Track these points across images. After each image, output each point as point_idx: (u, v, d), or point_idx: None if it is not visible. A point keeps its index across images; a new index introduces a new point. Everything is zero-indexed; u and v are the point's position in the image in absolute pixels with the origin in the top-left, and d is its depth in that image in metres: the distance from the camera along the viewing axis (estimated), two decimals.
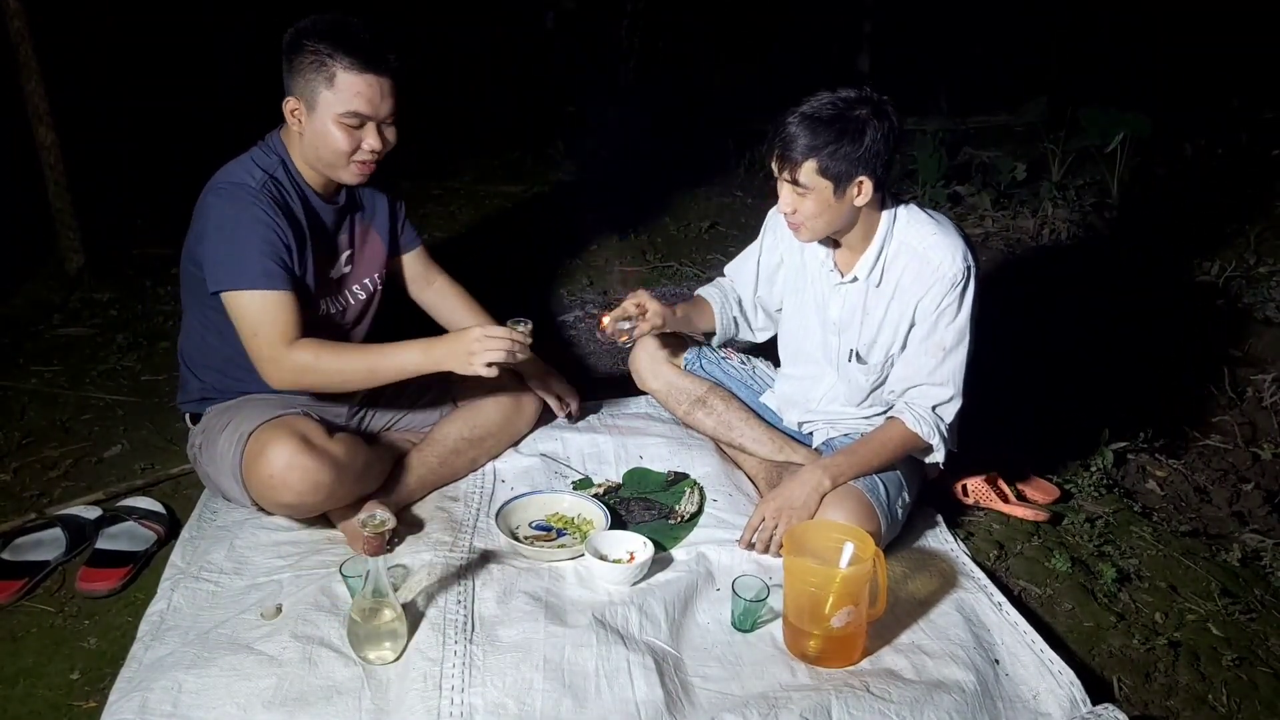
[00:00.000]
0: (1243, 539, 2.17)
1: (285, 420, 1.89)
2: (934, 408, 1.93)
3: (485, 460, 2.27)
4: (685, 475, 2.24)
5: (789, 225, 1.94)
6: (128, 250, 3.55)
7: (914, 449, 1.96)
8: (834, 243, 2.00)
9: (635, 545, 1.90)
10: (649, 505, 2.13)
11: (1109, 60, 5.25)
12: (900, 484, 1.98)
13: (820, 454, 2.13)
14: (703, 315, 2.24)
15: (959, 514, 2.18)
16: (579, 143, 5.06)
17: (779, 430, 2.24)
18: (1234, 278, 3.35)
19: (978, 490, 2.19)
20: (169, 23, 4.65)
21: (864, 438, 1.99)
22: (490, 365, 1.82)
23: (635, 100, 5.49)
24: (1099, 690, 1.64)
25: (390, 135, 1.95)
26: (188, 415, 2.12)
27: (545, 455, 2.31)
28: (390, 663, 1.61)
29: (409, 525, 2.03)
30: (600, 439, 2.39)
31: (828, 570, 1.65)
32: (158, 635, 1.69)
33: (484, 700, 1.52)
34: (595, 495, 2.14)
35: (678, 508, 2.09)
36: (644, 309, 2.03)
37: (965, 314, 1.90)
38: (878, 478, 1.94)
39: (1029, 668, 1.66)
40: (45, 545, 1.98)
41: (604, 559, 1.86)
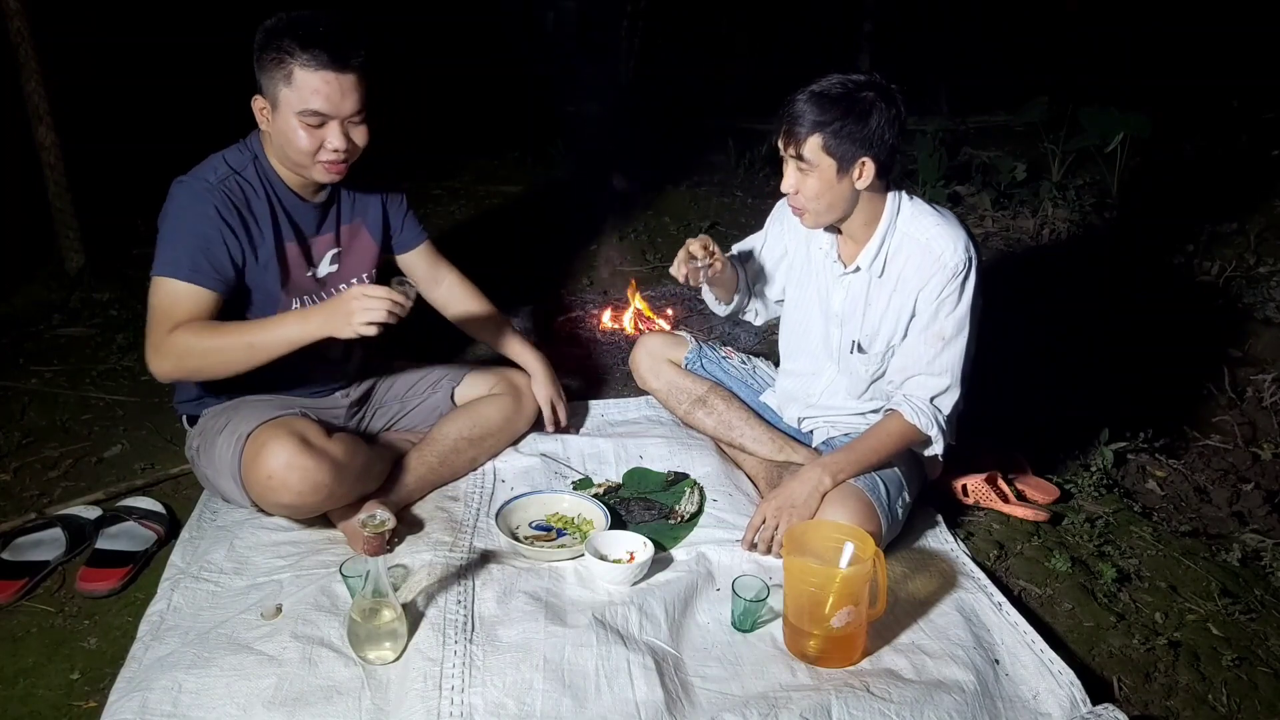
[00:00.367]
0: (1243, 539, 2.17)
1: (284, 421, 1.89)
2: (932, 399, 1.93)
3: (485, 459, 2.27)
4: (685, 475, 2.24)
5: (792, 209, 1.94)
6: (128, 250, 3.54)
7: (913, 442, 1.96)
8: (838, 232, 2.00)
9: (635, 545, 1.90)
10: (649, 505, 2.13)
11: (1108, 60, 5.25)
12: (900, 483, 1.98)
13: (820, 454, 2.13)
14: (734, 278, 2.23)
15: (959, 514, 2.18)
16: (579, 143, 5.06)
17: (779, 430, 2.24)
18: (1234, 278, 3.35)
19: (978, 490, 2.19)
20: (169, 23, 4.66)
21: (863, 433, 1.99)
22: (370, 325, 1.73)
23: (635, 100, 5.50)
24: (1099, 690, 1.64)
25: (358, 135, 1.90)
26: (185, 417, 2.12)
27: (545, 455, 2.31)
28: (390, 663, 1.61)
29: (409, 525, 2.03)
30: (600, 439, 2.40)
31: (828, 570, 1.65)
32: (158, 635, 1.69)
33: (484, 700, 1.52)
34: (595, 495, 2.14)
35: (678, 508, 2.09)
36: (711, 249, 2.01)
37: (965, 305, 1.90)
38: (878, 477, 1.94)
39: (1029, 668, 1.66)
40: (45, 545, 1.98)
41: (604, 559, 1.86)
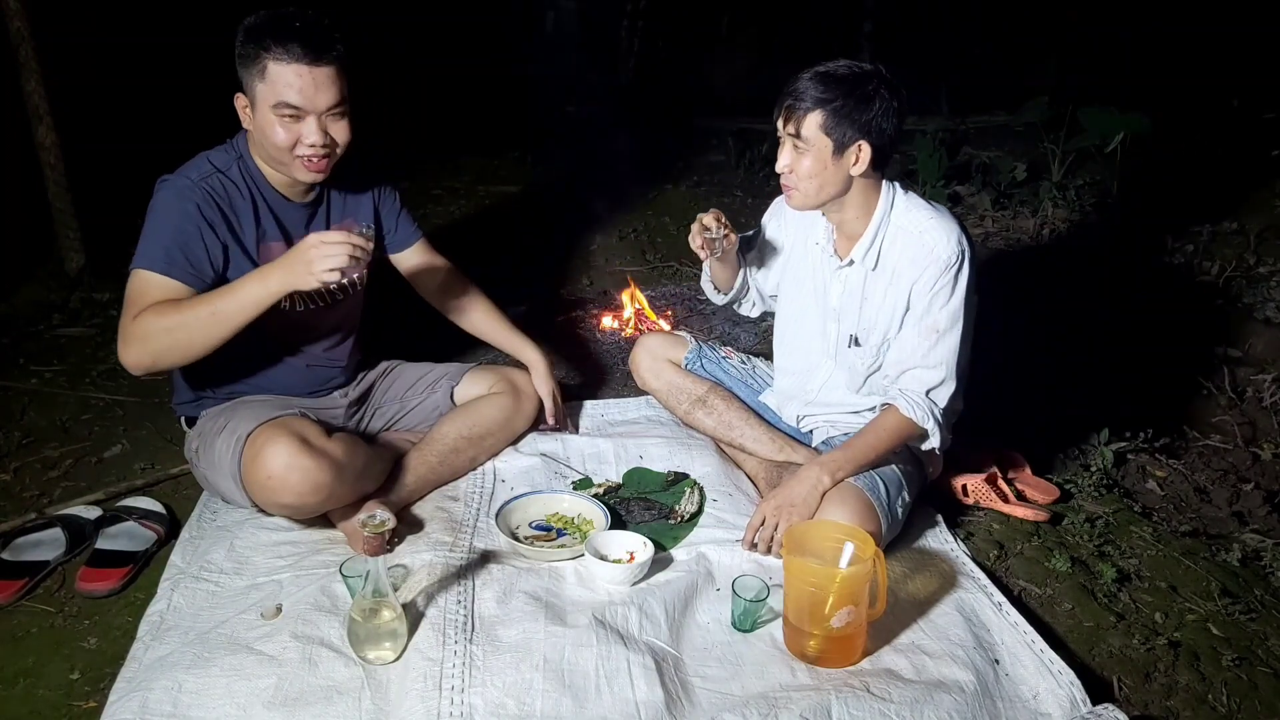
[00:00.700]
0: (1243, 539, 2.17)
1: (283, 421, 1.88)
2: (928, 392, 1.94)
3: (485, 459, 2.27)
4: (685, 475, 2.24)
5: (784, 188, 1.96)
6: (128, 250, 3.53)
7: (910, 436, 1.97)
8: (834, 226, 2.02)
9: (635, 545, 1.90)
10: (649, 505, 2.13)
11: (1108, 60, 5.25)
12: (900, 483, 1.98)
13: (819, 454, 2.13)
14: (736, 265, 2.24)
15: (959, 514, 2.18)
16: (578, 143, 5.06)
17: (779, 430, 2.24)
18: (1234, 278, 3.35)
19: (978, 490, 2.19)
20: (170, 23, 4.66)
21: (860, 430, 1.99)
22: (333, 271, 1.70)
23: (635, 100, 5.50)
24: (1099, 690, 1.64)
25: (338, 130, 1.89)
26: (183, 419, 2.12)
27: (545, 455, 2.31)
28: (390, 663, 1.61)
29: (409, 525, 2.02)
30: (600, 439, 2.40)
31: (828, 570, 1.65)
32: (158, 635, 1.69)
33: (484, 700, 1.52)
34: (595, 495, 2.14)
35: (678, 508, 2.09)
36: (723, 220, 2.03)
37: (959, 297, 1.91)
38: (878, 477, 1.94)
39: (1029, 668, 1.66)
40: (45, 545, 1.98)
41: (604, 559, 1.85)
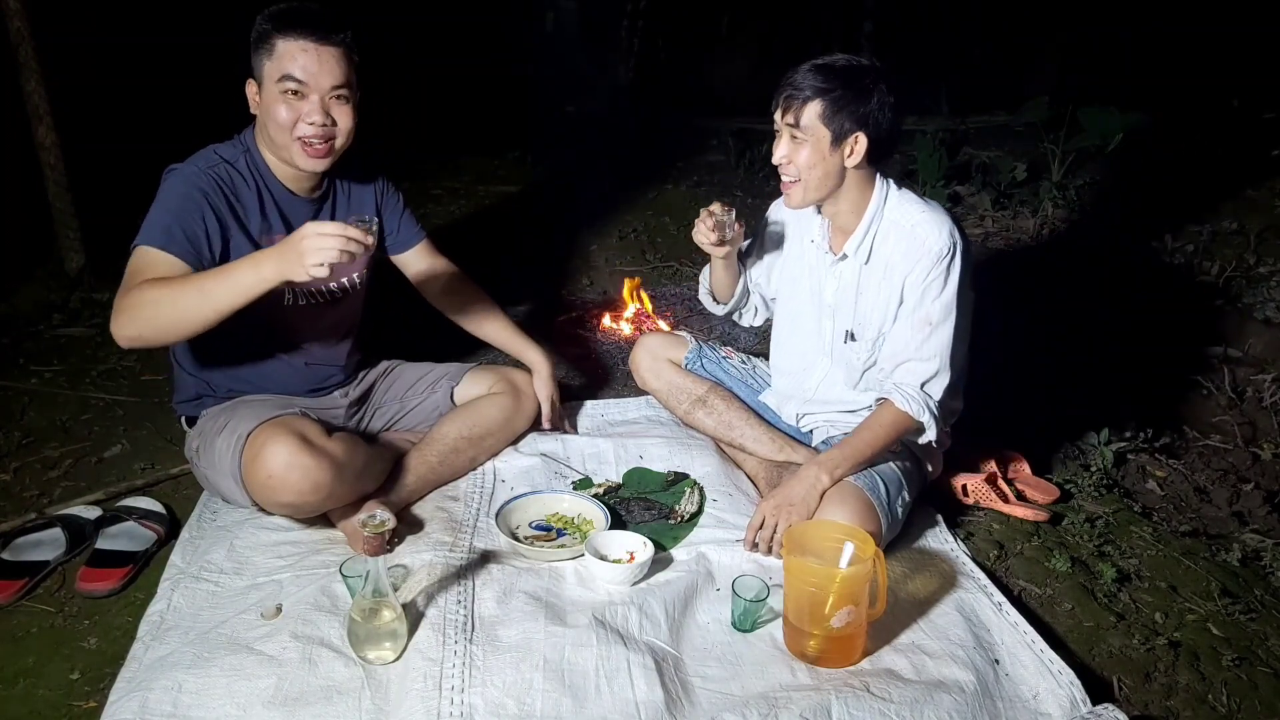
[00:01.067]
0: (1243, 539, 2.17)
1: (283, 420, 1.88)
2: (922, 385, 1.94)
3: (485, 459, 2.27)
4: (685, 475, 2.24)
5: (782, 186, 1.97)
6: (128, 250, 3.54)
7: (907, 430, 1.97)
8: (829, 222, 2.03)
9: (635, 545, 1.90)
10: (649, 505, 2.13)
11: (1108, 60, 5.25)
12: (900, 483, 1.98)
13: (819, 453, 2.13)
14: (736, 272, 2.24)
15: (959, 514, 2.18)
16: (578, 143, 5.06)
17: (779, 430, 2.24)
18: (1234, 278, 3.35)
19: (978, 490, 2.19)
20: (170, 23, 4.66)
21: (856, 427, 2.00)
22: (321, 265, 1.64)
23: (635, 100, 5.50)
24: (1099, 690, 1.64)
25: (342, 115, 1.91)
26: (184, 419, 2.12)
27: (545, 455, 2.31)
28: (390, 663, 1.61)
29: (409, 525, 2.02)
30: (600, 439, 2.39)
31: (828, 570, 1.65)
32: (158, 635, 1.69)
33: (484, 700, 1.52)
34: (595, 495, 2.13)
35: (678, 508, 2.09)
36: (730, 206, 2.04)
37: (952, 289, 1.92)
38: (878, 476, 1.94)
39: (1029, 668, 1.66)
40: (45, 545, 1.98)
41: (604, 559, 1.85)
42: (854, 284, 2.02)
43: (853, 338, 2.05)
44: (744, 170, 4.81)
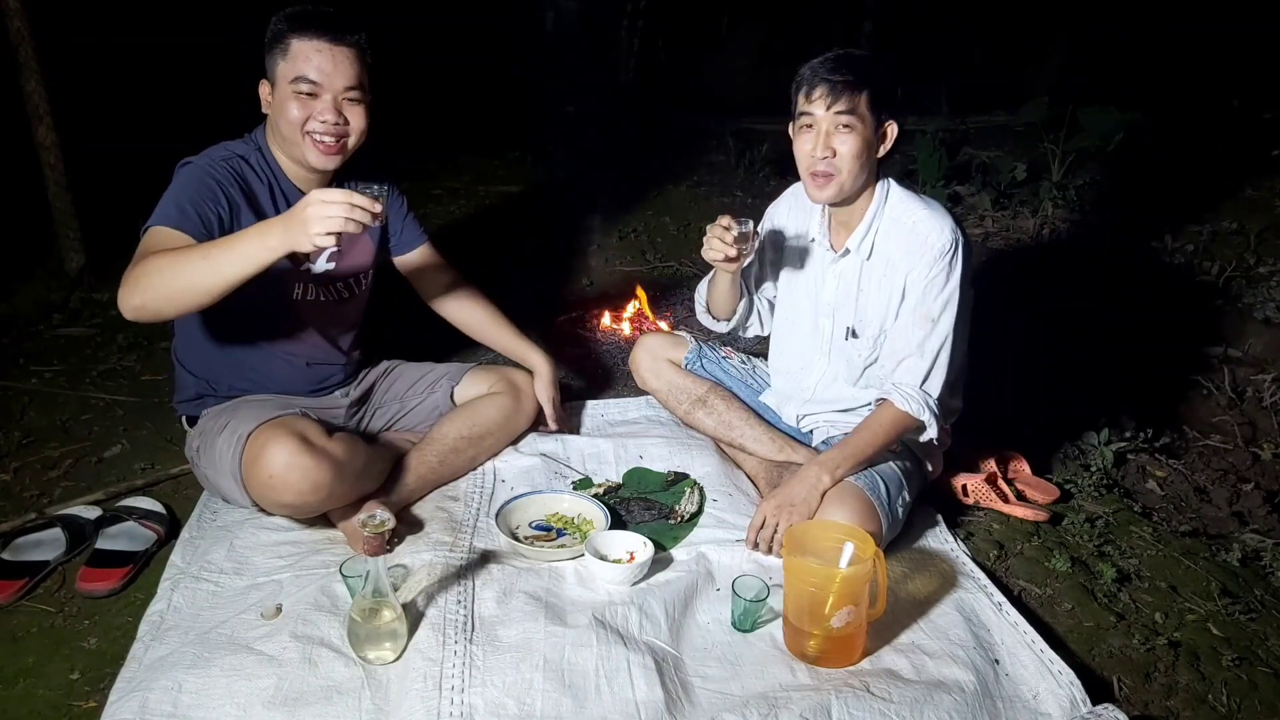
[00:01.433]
0: (1243, 539, 2.17)
1: (284, 420, 1.88)
2: (922, 383, 1.94)
3: (485, 459, 2.27)
4: (685, 475, 2.24)
5: (817, 178, 1.91)
6: (128, 250, 3.54)
7: (907, 429, 1.97)
8: (829, 219, 2.04)
9: (635, 545, 1.90)
10: (649, 505, 2.13)
11: (1108, 60, 5.25)
12: (901, 483, 1.98)
13: (820, 453, 2.13)
14: (738, 288, 2.21)
15: (959, 514, 2.18)
16: (578, 143, 5.06)
17: (779, 430, 2.24)
18: (1234, 278, 3.35)
19: (978, 490, 2.19)
20: (170, 23, 4.66)
21: (856, 427, 2.00)
22: (327, 234, 1.60)
23: (634, 100, 5.49)
24: (1099, 690, 1.64)
25: (354, 115, 1.93)
26: (184, 418, 2.12)
27: (545, 455, 2.31)
28: (390, 663, 1.61)
29: (409, 525, 2.03)
30: (600, 439, 2.40)
31: (828, 570, 1.65)
32: (158, 635, 1.69)
33: (484, 700, 1.52)
34: (595, 495, 2.14)
35: (678, 508, 2.09)
36: (742, 219, 2.01)
37: (953, 285, 1.92)
38: (878, 476, 1.94)
39: (1029, 668, 1.66)
40: (45, 545, 1.98)
41: (604, 559, 1.85)
42: (855, 280, 2.02)
43: (854, 334, 2.06)
44: (744, 170, 4.81)
